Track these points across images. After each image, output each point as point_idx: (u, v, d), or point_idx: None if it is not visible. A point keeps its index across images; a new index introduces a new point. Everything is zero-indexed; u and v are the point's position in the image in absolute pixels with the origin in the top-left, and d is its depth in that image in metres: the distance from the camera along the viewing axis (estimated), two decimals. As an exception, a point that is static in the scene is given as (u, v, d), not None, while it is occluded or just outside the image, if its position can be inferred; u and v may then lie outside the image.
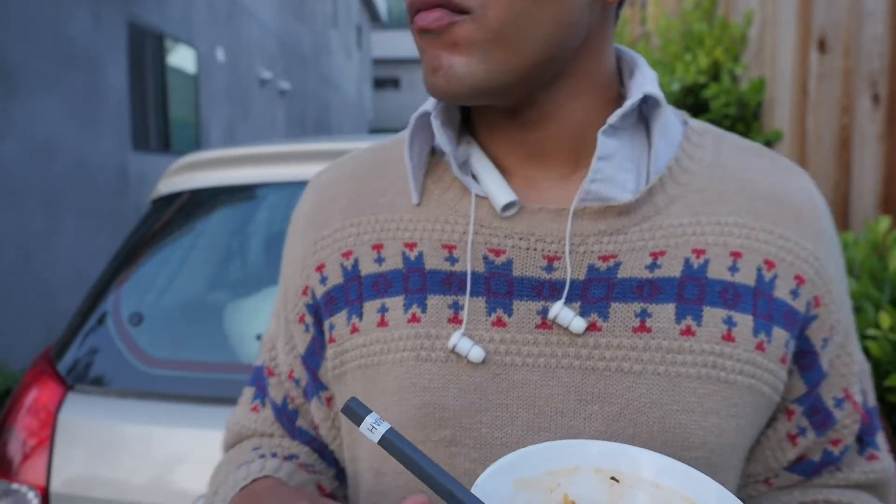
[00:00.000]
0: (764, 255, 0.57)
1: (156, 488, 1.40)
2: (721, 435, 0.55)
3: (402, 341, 0.60)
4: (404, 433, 0.58)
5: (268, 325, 0.75)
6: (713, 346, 0.55)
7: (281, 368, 0.70)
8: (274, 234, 1.94)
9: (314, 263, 0.66)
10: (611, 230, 0.58)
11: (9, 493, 1.45)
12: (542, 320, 0.57)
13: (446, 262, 0.60)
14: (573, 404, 0.55)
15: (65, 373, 1.56)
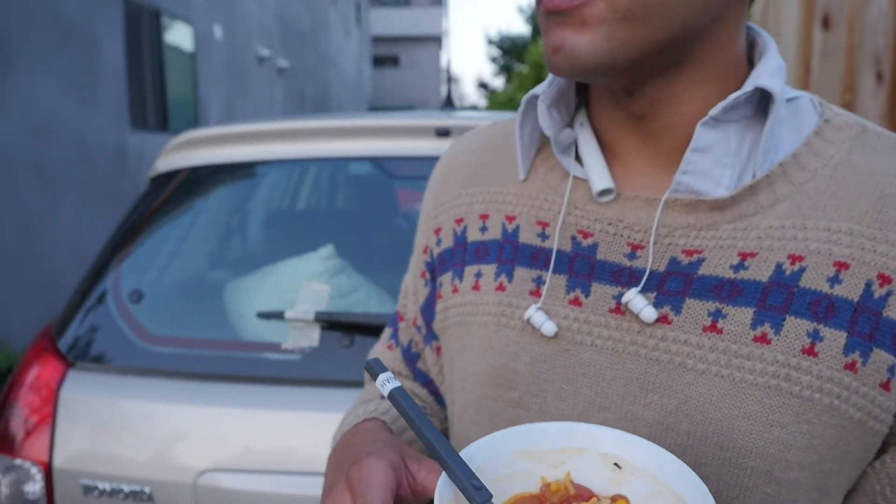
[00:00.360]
0: (879, 268, 0.52)
1: (158, 464, 1.41)
2: (786, 450, 0.52)
3: (489, 306, 0.65)
4: (482, 389, 0.64)
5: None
6: (789, 359, 0.52)
7: (408, 315, 0.79)
8: (274, 211, 1.94)
9: (433, 226, 0.74)
10: (700, 225, 0.57)
11: (12, 469, 1.46)
12: (617, 305, 0.58)
13: (538, 238, 0.64)
14: (634, 390, 0.56)
15: (65, 350, 1.56)
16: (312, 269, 1.63)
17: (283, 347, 1.51)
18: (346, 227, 1.87)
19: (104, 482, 1.42)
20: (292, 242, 1.76)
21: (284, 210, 1.98)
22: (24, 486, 1.45)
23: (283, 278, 1.64)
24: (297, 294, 1.56)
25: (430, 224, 0.75)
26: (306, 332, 1.51)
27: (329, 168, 1.97)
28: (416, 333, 0.78)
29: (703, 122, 0.55)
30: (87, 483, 1.42)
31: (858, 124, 0.58)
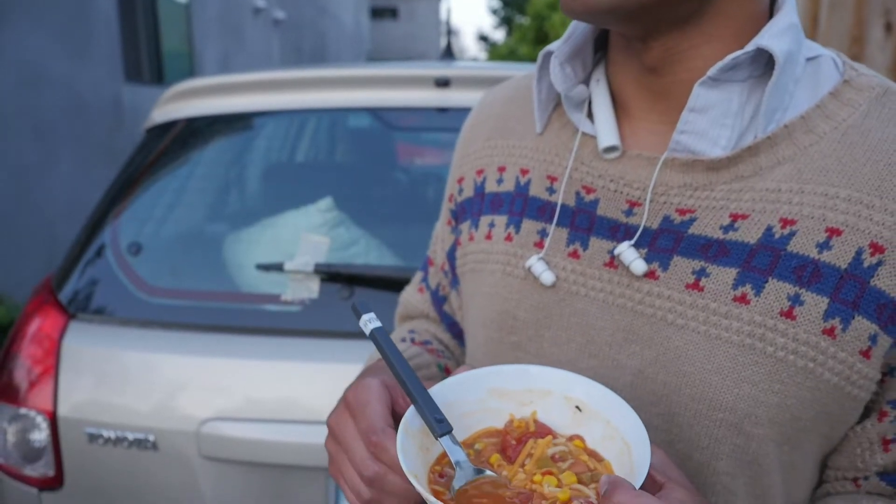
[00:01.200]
0: (872, 237, 0.51)
1: (161, 413, 1.43)
2: (756, 406, 0.54)
3: (497, 255, 0.68)
4: (487, 332, 0.68)
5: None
6: (766, 320, 0.53)
7: (437, 260, 0.83)
8: (272, 163, 1.92)
9: (458, 175, 0.77)
10: (696, 185, 0.58)
11: (18, 418, 1.48)
12: (611, 259, 0.60)
13: (546, 192, 0.66)
14: (620, 340, 0.59)
15: (66, 302, 1.57)
16: (311, 222, 1.62)
17: (282, 299, 1.51)
18: (344, 180, 1.86)
19: (109, 430, 1.44)
20: (291, 195, 1.75)
21: (283, 162, 1.96)
22: (29, 435, 1.48)
23: (282, 230, 1.63)
24: (297, 246, 1.56)
25: (455, 173, 0.78)
26: (306, 283, 1.52)
27: (327, 119, 1.94)
28: (444, 278, 0.81)
29: (700, 82, 0.54)
30: (91, 431, 1.44)
31: (881, 86, 0.56)
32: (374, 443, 0.52)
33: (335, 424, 0.57)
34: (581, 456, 0.51)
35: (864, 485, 0.59)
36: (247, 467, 1.41)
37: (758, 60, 0.55)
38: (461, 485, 0.48)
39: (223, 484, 1.42)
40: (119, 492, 1.46)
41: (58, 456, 1.46)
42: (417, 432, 0.52)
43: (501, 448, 0.53)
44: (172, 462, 1.43)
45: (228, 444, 1.40)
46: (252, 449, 1.38)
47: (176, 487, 1.43)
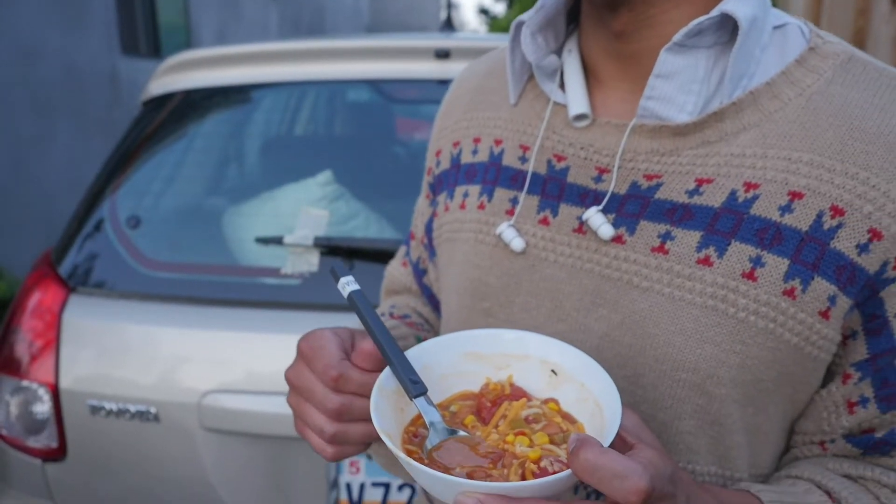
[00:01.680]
0: (833, 200, 0.52)
1: (162, 386, 1.44)
2: (718, 366, 0.55)
3: (470, 223, 0.69)
4: (460, 299, 0.69)
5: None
6: (728, 281, 0.54)
7: (418, 233, 0.84)
8: (271, 136, 1.91)
9: (436, 148, 0.78)
10: (663, 150, 0.59)
11: (20, 390, 1.49)
12: (580, 225, 0.61)
13: (519, 161, 0.67)
14: (587, 305, 0.60)
15: (66, 276, 1.57)
16: (311, 195, 1.62)
17: (282, 272, 1.51)
18: (344, 153, 1.85)
19: (111, 402, 1.45)
20: (290, 168, 1.74)
21: (282, 135, 1.95)
22: (32, 407, 1.49)
23: (282, 204, 1.63)
24: (296, 219, 1.56)
25: (433, 147, 0.79)
26: (305, 257, 1.51)
27: (326, 91, 1.92)
28: (424, 251, 0.83)
29: (666, 48, 0.55)
30: (93, 403, 1.45)
31: (846, 52, 0.57)
32: (334, 377, 0.54)
33: (293, 376, 0.58)
34: (554, 418, 0.52)
35: (831, 448, 0.60)
36: (247, 439, 1.42)
37: (724, 27, 0.56)
38: (434, 444, 0.49)
39: (224, 455, 1.44)
40: (122, 463, 1.47)
41: (60, 428, 1.47)
42: (392, 393, 0.53)
43: (476, 410, 0.54)
44: (174, 434, 1.44)
45: (229, 416, 1.41)
46: (252, 421, 1.39)
47: (178, 458, 1.45)
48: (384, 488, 1.44)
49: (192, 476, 1.45)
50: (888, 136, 0.53)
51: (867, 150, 0.53)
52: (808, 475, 0.58)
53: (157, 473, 1.47)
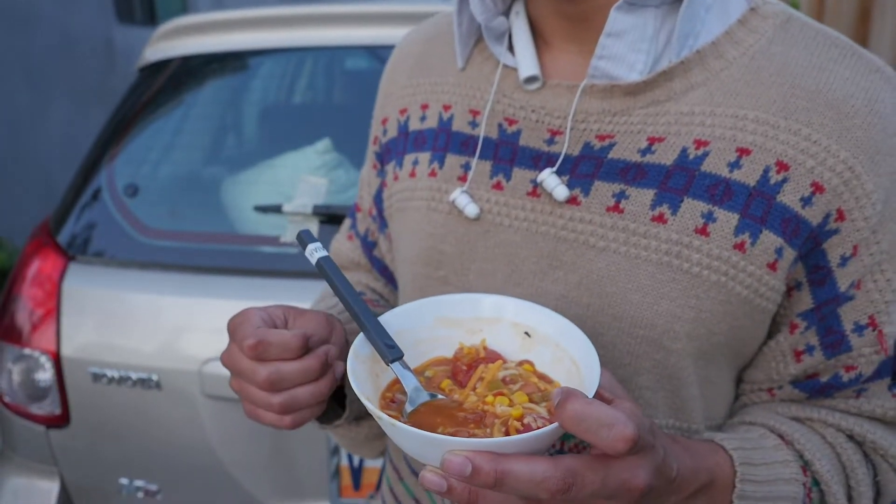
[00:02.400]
0: (778, 155, 0.54)
1: (164, 353, 1.45)
2: (674, 321, 0.56)
3: (421, 191, 0.68)
4: (415, 268, 0.68)
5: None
6: (682, 237, 0.56)
7: (364, 205, 0.82)
8: (269, 104, 1.89)
9: (381, 117, 0.76)
10: (614, 110, 0.59)
11: (22, 358, 1.50)
12: (534, 188, 0.61)
13: (469, 126, 0.66)
14: (544, 267, 0.60)
15: (65, 245, 1.56)
16: (310, 163, 1.61)
17: (281, 241, 1.51)
18: (343, 121, 1.83)
19: (112, 370, 1.46)
20: (289, 136, 1.73)
21: (280, 102, 1.93)
22: (34, 375, 1.50)
23: (280, 172, 1.62)
24: (295, 188, 1.55)
25: (378, 115, 0.77)
26: (304, 225, 1.51)
27: (325, 58, 1.90)
28: (372, 223, 0.81)
29: (616, 7, 0.55)
30: (95, 371, 1.46)
31: (784, 13, 0.59)
32: (251, 346, 0.52)
33: (226, 358, 0.56)
34: (531, 378, 0.52)
35: (779, 393, 0.63)
36: (249, 406, 1.43)
37: None
38: (413, 408, 0.49)
39: (226, 422, 1.45)
40: (125, 429, 1.49)
41: (63, 395, 1.48)
42: (367, 359, 0.52)
43: (452, 374, 0.54)
44: (176, 401, 1.45)
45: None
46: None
47: (180, 425, 1.46)
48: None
49: (194, 442, 1.46)
50: (827, 93, 0.54)
51: (809, 108, 0.54)
52: (761, 420, 0.61)
53: (160, 439, 1.48)
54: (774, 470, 0.54)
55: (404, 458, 0.72)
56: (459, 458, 0.41)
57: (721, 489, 0.51)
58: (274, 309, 0.57)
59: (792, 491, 0.54)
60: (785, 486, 0.54)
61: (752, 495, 0.52)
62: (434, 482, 0.43)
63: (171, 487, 1.51)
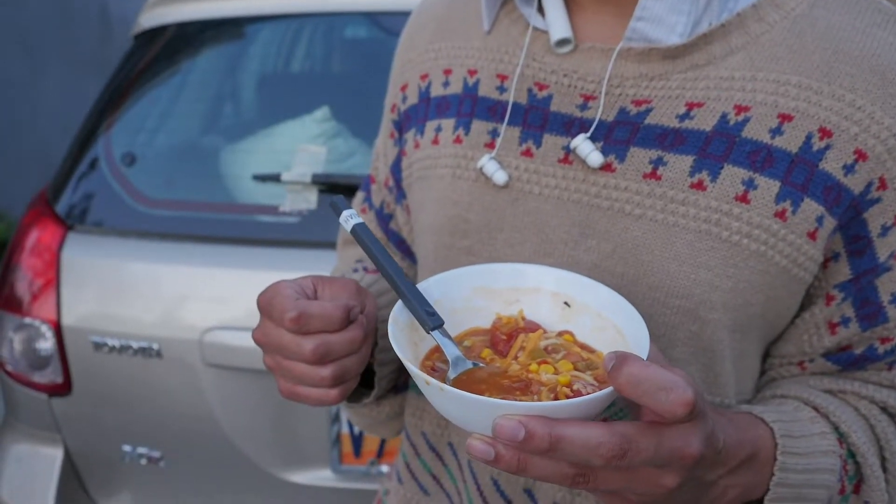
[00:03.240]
0: (821, 122, 0.53)
1: (164, 322, 1.45)
2: (711, 291, 0.55)
3: (446, 159, 0.65)
4: (438, 238, 0.65)
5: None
6: (721, 205, 0.54)
7: (380, 176, 0.79)
8: (267, 72, 1.86)
9: (400, 83, 0.73)
10: (652, 74, 0.57)
11: (23, 327, 1.50)
12: (565, 155, 0.59)
13: (496, 91, 0.64)
14: (576, 236, 0.58)
15: (63, 214, 1.56)
16: (308, 132, 1.59)
17: (280, 210, 1.50)
18: (342, 89, 1.81)
19: (113, 339, 1.46)
20: (287, 104, 1.71)
21: (278, 70, 1.90)
22: (35, 344, 1.50)
23: (279, 141, 1.61)
24: (293, 157, 1.54)
25: (397, 81, 0.74)
26: (303, 194, 1.50)
27: (324, 24, 1.87)
28: (388, 194, 0.78)
29: None
30: (97, 340, 1.47)
31: None
32: (293, 319, 0.50)
33: (260, 335, 0.55)
34: (573, 348, 0.51)
35: (810, 367, 0.62)
36: (249, 374, 1.44)
37: None
38: (455, 376, 0.47)
39: (227, 390, 1.46)
40: (126, 396, 1.50)
41: (65, 363, 1.49)
42: (405, 327, 0.51)
43: (491, 343, 0.52)
44: (177, 369, 1.46)
45: (230, 353, 1.43)
46: (253, 357, 1.41)
47: (181, 393, 1.47)
48: (385, 422, 1.48)
49: (195, 410, 1.48)
50: (871, 58, 0.53)
51: (852, 73, 0.53)
52: (794, 393, 0.59)
53: (162, 408, 1.49)
54: (813, 442, 0.53)
55: (422, 433, 0.72)
56: (512, 422, 0.40)
57: (763, 462, 0.50)
58: (303, 280, 0.56)
59: (830, 463, 0.53)
60: (823, 458, 0.53)
61: (793, 468, 0.51)
62: (481, 450, 0.41)
63: (174, 454, 1.53)
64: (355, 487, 1.49)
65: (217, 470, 1.53)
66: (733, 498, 0.48)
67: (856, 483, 0.55)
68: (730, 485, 0.47)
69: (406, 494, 0.74)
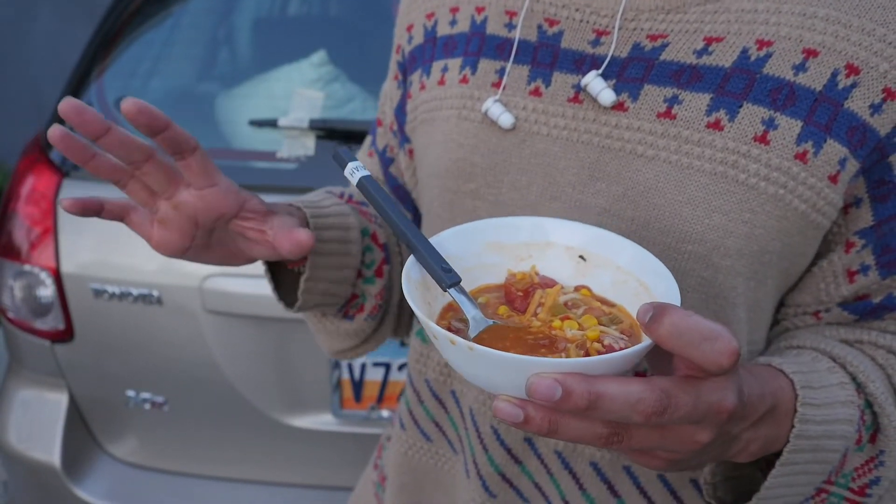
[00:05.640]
0: (849, 57, 0.50)
1: (163, 270, 1.45)
2: (725, 236, 0.53)
3: (452, 100, 0.63)
4: (442, 182, 0.63)
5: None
6: (739, 146, 0.51)
7: (386, 120, 0.77)
8: (262, 14, 1.81)
9: (406, 23, 0.71)
10: (668, 7, 0.54)
11: (22, 275, 1.50)
12: (576, 94, 0.57)
13: (505, 28, 0.61)
14: (584, 179, 0.56)
15: (58, 161, 1.54)
16: (305, 77, 1.56)
17: (278, 156, 1.48)
18: (339, 33, 1.76)
19: (113, 286, 1.46)
20: (283, 48, 1.67)
21: (274, 13, 1.85)
22: (36, 291, 1.51)
23: (275, 85, 1.57)
24: (290, 101, 1.51)
25: (403, 21, 0.71)
26: (301, 140, 1.48)
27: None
28: (392, 138, 0.76)
29: None
30: (96, 287, 1.47)
31: None
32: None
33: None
34: (593, 303, 0.48)
35: (826, 317, 0.60)
36: (250, 321, 1.45)
37: None
38: (475, 335, 0.44)
39: (227, 336, 1.47)
40: (128, 343, 1.51)
41: (66, 310, 1.50)
42: (418, 284, 0.48)
43: (507, 300, 0.50)
44: (177, 316, 1.47)
45: (230, 299, 1.43)
46: (253, 304, 1.42)
47: (182, 340, 1.48)
48: (385, 368, 1.49)
49: (196, 356, 1.49)
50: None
51: (885, 5, 0.50)
52: (811, 344, 0.57)
53: (164, 354, 1.51)
54: (832, 392, 0.52)
55: (426, 380, 0.71)
56: (548, 380, 0.37)
57: (784, 413, 0.48)
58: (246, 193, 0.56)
59: (848, 413, 0.51)
60: (842, 408, 0.52)
61: (812, 419, 0.49)
62: (509, 412, 0.39)
63: (177, 399, 1.55)
64: (356, 432, 1.52)
65: (220, 415, 1.55)
66: (755, 451, 0.47)
67: (872, 433, 0.55)
68: (752, 438, 0.46)
69: (408, 440, 0.75)
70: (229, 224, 0.55)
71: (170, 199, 0.53)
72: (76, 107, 0.47)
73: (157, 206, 0.53)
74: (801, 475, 0.50)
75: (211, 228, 0.55)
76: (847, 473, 0.54)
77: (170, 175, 0.52)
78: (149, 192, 0.53)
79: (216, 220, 0.54)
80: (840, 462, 0.53)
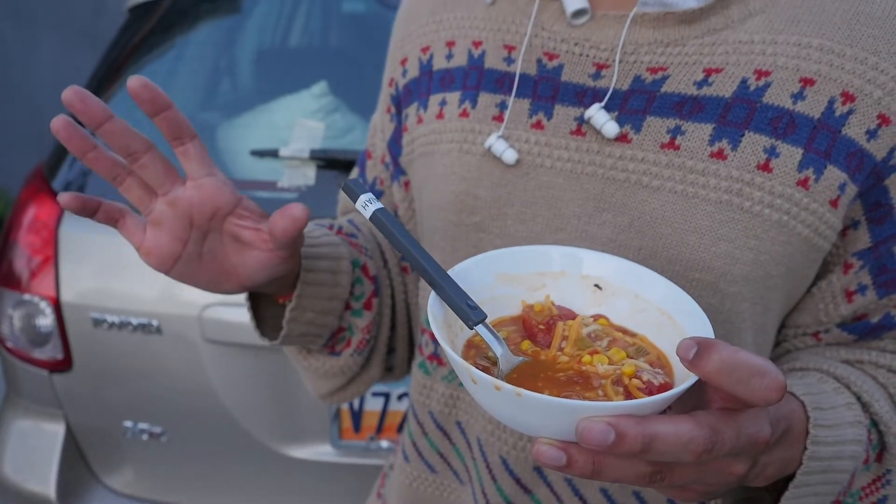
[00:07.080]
0: (844, 85, 0.52)
1: (163, 299, 1.45)
2: (732, 263, 0.54)
3: (452, 133, 0.63)
4: (445, 215, 0.63)
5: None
6: (743, 174, 0.52)
7: (376, 152, 0.77)
8: (264, 45, 1.84)
9: (399, 57, 0.71)
10: (667, 41, 0.55)
11: (22, 304, 1.50)
12: (578, 126, 0.57)
13: (503, 63, 0.62)
14: (590, 210, 0.57)
15: (60, 190, 1.55)
16: (306, 108, 1.58)
17: (279, 186, 1.49)
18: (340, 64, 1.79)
19: (113, 315, 1.46)
20: (284, 79, 1.69)
21: (276, 44, 1.88)
22: (35, 320, 1.50)
23: (277, 116, 1.59)
24: (291, 132, 1.52)
25: (396, 55, 0.72)
26: (302, 170, 1.49)
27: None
28: (384, 170, 0.76)
29: None
30: (96, 316, 1.47)
31: None
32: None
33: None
34: (614, 333, 0.47)
35: (825, 337, 0.61)
36: (249, 350, 1.44)
37: None
38: (506, 373, 0.43)
39: (227, 366, 1.46)
40: (127, 372, 1.50)
41: (65, 340, 1.49)
42: (443, 323, 0.46)
43: (528, 334, 0.48)
44: (177, 346, 1.46)
45: (230, 329, 1.43)
46: (252, 333, 1.41)
47: (182, 369, 1.48)
48: (384, 398, 1.48)
49: (196, 386, 1.48)
50: (894, 20, 0.52)
51: (875, 35, 0.52)
52: (814, 365, 0.58)
53: (163, 384, 1.50)
54: (840, 413, 0.52)
55: (429, 412, 0.70)
56: (600, 424, 0.36)
57: (797, 436, 0.48)
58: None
59: (857, 433, 0.52)
60: (851, 428, 0.52)
61: (824, 440, 0.49)
62: (552, 456, 0.38)
63: (175, 429, 1.54)
64: (355, 462, 1.51)
65: (218, 445, 1.54)
66: (771, 475, 0.47)
67: (878, 452, 0.55)
68: (769, 462, 0.46)
69: (412, 472, 0.74)
70: (224, 223, 0.54)
71: (166, 195, 0.52)
72: (79, 93, 0.47)
73: (152, 206, 0.52)
74: (812, 497, 0.50)
75: (206, 230, 0.54)
76: (854, 493, 0.54)
77: (167, 169, 0.52)
78: (145, 189, 0.52)
79: (212, 216, 0.53)
80: (848, 482, 0.53)
